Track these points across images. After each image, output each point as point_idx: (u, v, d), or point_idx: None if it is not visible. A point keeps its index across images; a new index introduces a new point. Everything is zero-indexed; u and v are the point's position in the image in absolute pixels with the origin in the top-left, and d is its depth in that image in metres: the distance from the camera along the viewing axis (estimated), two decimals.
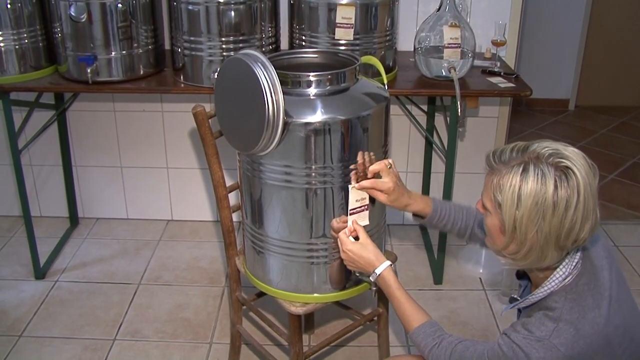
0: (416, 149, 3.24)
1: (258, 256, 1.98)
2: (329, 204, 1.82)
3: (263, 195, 1.87)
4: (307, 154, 1.76)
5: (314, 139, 1.74)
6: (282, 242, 1.89)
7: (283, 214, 1.85)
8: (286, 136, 1.74)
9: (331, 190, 1.81)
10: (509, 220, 1.37)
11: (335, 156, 1.77)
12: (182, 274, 3.01)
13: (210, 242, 3.27)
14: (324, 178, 1.79)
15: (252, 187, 1.90)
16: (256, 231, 1.94)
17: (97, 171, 3.35)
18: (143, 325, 2.66)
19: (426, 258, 3.13)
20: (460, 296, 2.84)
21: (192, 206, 3.43)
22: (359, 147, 1.79)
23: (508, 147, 1.42)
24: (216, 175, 2.04)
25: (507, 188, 1.36)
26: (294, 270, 1.92)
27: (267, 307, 2.56)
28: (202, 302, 2.81)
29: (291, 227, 1.86)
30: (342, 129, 1.75)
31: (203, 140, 2.00)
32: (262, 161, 1.81)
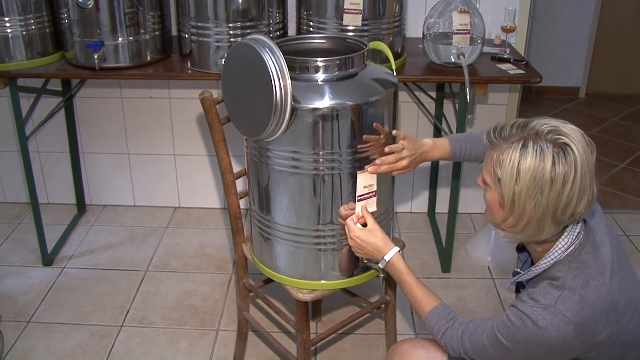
0: (425, 136, 3.23)
1: (266, 243, 1.98)
2: (337, 190, 1.82)
3: (271, 182, 1.87)
4: (315, 140, 1.76)
5: (322, 125, 1.74)
6: (290, 229, 1.90)
7: (291, 201, 1.85)
8: (294, 122, 1.74)
9: (339, 177, 1.81)
10: (508, 195, 1.41)
11: (343, 142, 1.77)
12: (189, 261, 3.02)
13: (217, 229, 3.27)
14: (332, 164, 1.79)
15: (259, 173, 1.90)
16: (264, 218, 1.95)
17: (104, 158, 3.36)
18: (150, 312, 2.68)
19: (434, 246, 3.13)
20: (468, 285, 2.85)
21: (200, 193, 3.43)
22: (368, 133, 1.79)
23: (509, 124, 1.45)
24: (224, 162, 2.05)
25: (507, 163, 1.40)
26: (302, 257, 1.92)
27: (275, 294, 2.56)
28: (210, 289, 2.82)
29: (299, 213, 1.86)
30: (351, 114, 1.74)
31: (210, 127, 2.00)
32: (270, 147, 1.81)
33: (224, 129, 2.02)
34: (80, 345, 2.50)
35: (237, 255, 2.18)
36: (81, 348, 2.48)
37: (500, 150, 1.42)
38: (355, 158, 1.79)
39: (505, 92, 3.13)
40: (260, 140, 1.81)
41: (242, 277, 2.20)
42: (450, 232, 2.87)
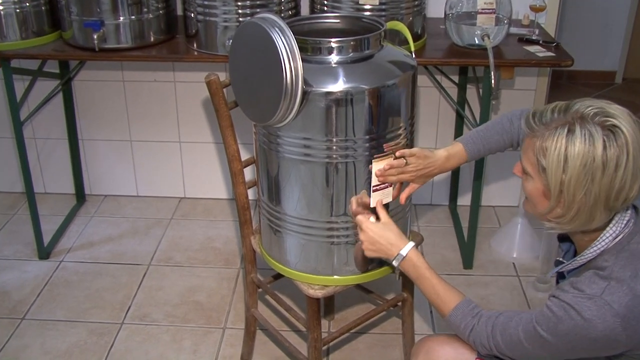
0: (446, 123, 3.24)
1: (275, 235, 2.00)
2: (350, 179, 1.83)
3: (280, 170, 1.88)
4: (328, 126, 1.77)
5: (335, 109, 1.75)
6: (301, 221, 1.91)
7: (302, 191, 1.87)
8: (305, 107, 1.75)
9: (353, 165, 1.82)
10: (555, 184, 1.42)
11: (358, 128, 1.78)
12: (194, 255, 3.05)
13: (225, 221, 3.30)
14: (346, 152, 1.80)
15: (268, 161, 1.91)
16: (273, 209, 1.96)
17: (105, 145, 3.39)
18: (152, 308, 2.71)
19: (455, 241, 3.14)
20: (491, 282, 2.85)
21: (206, 183, 3.46)
22: (384, 119, 1.80)
23: (548, 108, 1.45)
24: (231, 149, 2.06)
25: (552, 151, 1.40)
26: (313, 250, 1.94)
27: (284, 290, 2.58)
28: (216, 284, 2.84)
29: (310, 204, 1.88)
30: (366, 99, 1.75)
31: (217, 111, 2.02)
32: (280, 133, 1.83)
33: (231, 113, 2.04)
34: (77, 343, 2.53)
35: (245, 249, 2.20)
36: (78, 346, 2.51)
37: (543, 137, 1.42)
38: (370, 145, 1.80)
39: (533, 76, 3.12)
40: (269, 126, 1.82)
41: (249, 272, 2.23)
42: (473, 225, 2.88)
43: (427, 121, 3.23)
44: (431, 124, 3.24)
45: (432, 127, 3.24)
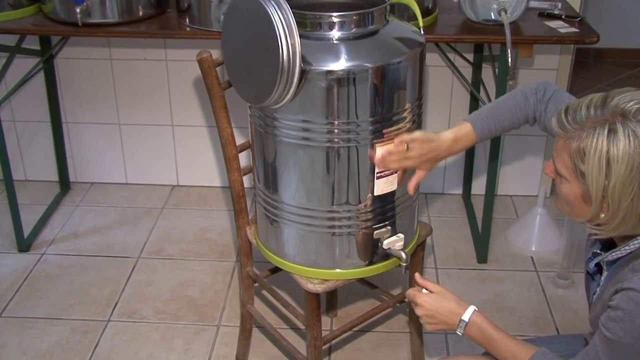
0: (459, 105, 3.23)
1: (272, 226, 2.01)
2: (353, 165, 1.84)
3: (278, 156, 1.89)
4: (329, 107, 1.77)
5: (336, 89, 1.75)
6: (300, 210, 1.92)
7: (300, 177, 1.87)
8: (304, 87, 1.75)
9: (356, 150, 1.82)
10: (597, 191, 1.38)
11: (361, 110, 1.78)
12: (187, 247, 3.06)
13: (221, 210, 3.31)
14: (348, 135, 1.80)
15: (265, 146, 1.91)
16: (270, 197, 1.97)
17: (91, 129, 3.40)
18: (142, 304, 2.72)
19: (469, 232, 3.14)
20: (507, 278, 2.86)
21: (202, 169, 3.46)
22: (389, 100, 1.80)
23: (582, 104, 1.41)
24: (224, 132, 2.07)
25: (592, 154, 1.36)
26: (313, 242, 1.94)
27: (283, 284, 2.59)
28: (210, 278, 2.85)
29: (310, 192, 1.88)
30: (370, 78, 1.75)
31: (209, 92, 2.02)
32: (277, 116, 1.83)
33: (225, 94, 2.04)
34: (59, 342, 2.54)
35: (240, 240, 2.20)
36: (59, 346, 2.52)
37: (580, 138, 1.38)
38: (374, 128, 1.80)
39: (554, 54, 3.11)
40: (265, 107, 1.82)
41: (245, 265, 2.23)
42: (487, 216, 2.88)
43: (438, 104, 3.23)
44: (443, 107, 3.24)
45: (444, 110, 3.24)
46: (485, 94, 3.04)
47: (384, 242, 1.93)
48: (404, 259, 1.92)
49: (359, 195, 1.88)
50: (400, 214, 1.96)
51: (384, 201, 1.90)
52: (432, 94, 3.20)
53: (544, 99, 1.77)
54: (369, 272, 1.99)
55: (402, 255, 1.92)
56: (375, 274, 2.00)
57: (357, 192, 1.87)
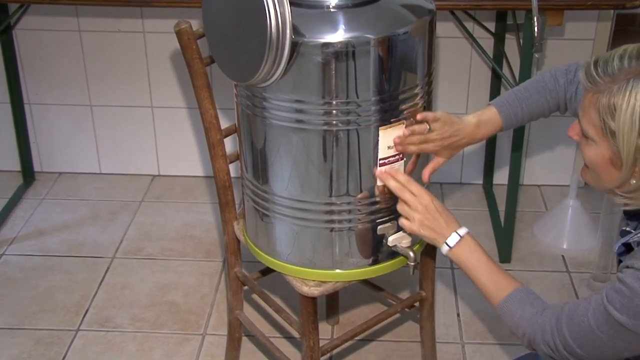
0: (479, 83, 3.23)
1: (262, 221, 2.01)
2: (353, 151, 1.84)
3: (268, 141, 1.89)
4: (325, 85, 1.77)
5: (333, 65, 1.75)
6: (293, 203, 1.92)
7: (294, 166, 1.88)
8: (296, 62, 1.75)
9: (356, 134, 1.82)
10: (628, 151, 1.40)
11: (362, 88, 1.78)
12: (169, 245, 3.07)
13: (208, 203, 3.32)
14: (348, 117, 1.80)
15: (253, 130, 1.92)
16: (259, 188, 1.97)
17: (58, 111, 3.41)
18: (116, 311, 2.73)
19: (490, 227, 3.15)
20: (534, 279, 2.86)
21: (186, 157, 3.47)
22: (394, 76, 1.80)
23: (614, 54, 1.42)
24: (207, 114, 2.07)
25: (624, 110, 1.38)
26: (309, 239, 1.95)
27: (275, 287, 2.61)
28: (195, 281, 2.86)
29: (305, 182, 1.89)
30: (372, 51, 1.75)
31: (190, 68, 2.02)
32: (266, 95, 1.83)
33: (207, 71, 2.04)
34: (20, 355, 2.54)
35: (227, 236, 2.21)
36: (21, 359, 2.53)
37: (610, 92, 1.39)
38: (377, 109, 1.81)
39: (590, 21, 3.10)
40: (253, 86, 1.83)
41: (232, 265, 2.24)
42: (511, 209, 2.88)
43: (454, 81, 3.23)
44: (460, 85, 3.24)
45: (461, 88, 3.24)
46: (509, 69, 3.04)
47: (389, 239, 1.93)
48: (412, 257, 1.92)
49: (360, 185, 1.88)
50: None
51: (389, 192, 1.90)
52: (447, 71, 3.19)
53: (575, 80, 1.78)
54: (373, 273, 2.00)
55: (410, 254, 1.92)
56: (380, 274, 2.01)
57: (358, 182, 1.88)
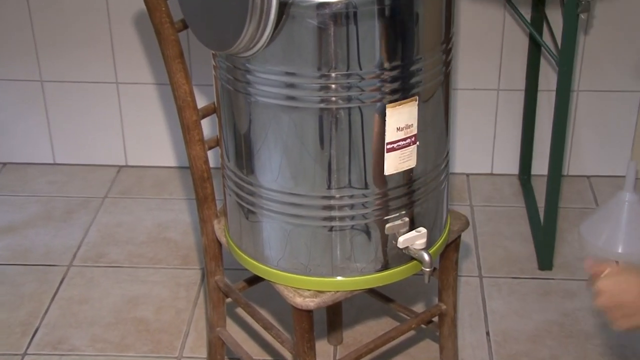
0: (514, 52, 3.24)
1: (247, 220, 2.03)
2: (356, 134, 1.85)
3: (253, 123, 1.90)
4: (322, 54, 1.77)
5: (331, 29, 1.75)
6: (285, 197, 1.93)
7: (285, 152, 1.89)
8: (286, 26, 1.76)
9: (359, 113, 1.83)
10: None
11: (365, 58, 1.79)
12: (138, 250, 3.08)
13: (185, 199, 3.34)
14: (349, 93, 1.81)
15: (235, 109, 1.93)
16: (244, 180, 1.99)
17: (1, 88, 3.43)
18: (73, 331, 2.73)
19: (527, 227, 3.16)
20: (581, 290, 2.86)
21: (159, 144, 3.49)
22: (404, 43, 1.81)
23: None
24: (180, 91, 2.08)
25: None
26: (303, 240, 1.97)
27: (264, 299, 2.63)
28: (169, 293, 2.88)
29: (298, 172, 1.90)
30: (377, 12, 1.76)
31: (158, 36, 2.02)
32: (250, 67, 1.84)
33: (180, 38, 2.06)
34: None
35: (205, 238, 2.23)
36: None
37: None
38: (384, 83, 1.82)
39: None
40: (234, 55, 1.84)
41: (212, 273, 2.26)
42: (553, 205, 2.88)
43: (484, 51, 3.25)
44: (492, 55, 3.26)
45: (493, 58, 3.25)
46: (550, 36, 3.04)
47: (399, 240, 1.95)
48: (427, 262, 1.93)
49: (364, 176, 1.89)
50: (421, 200, 1.98)
51: (399, 183, 1.92)
52: (474, 38, 3.20)
53: None
54: (381, 281, 2.01)
55: (424, 257, 1.93)
56: (389, 282, 2.02)
57: (362, 172, 1.89)
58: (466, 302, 2.79)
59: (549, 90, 3.23)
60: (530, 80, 3.24)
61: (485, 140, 3.41)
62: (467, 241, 3.01)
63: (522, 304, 2.81)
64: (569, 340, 2.66)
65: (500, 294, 2.84)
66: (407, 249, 1.96)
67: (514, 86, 3.29)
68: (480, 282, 2.89)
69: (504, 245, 3.08)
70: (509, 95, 3.31)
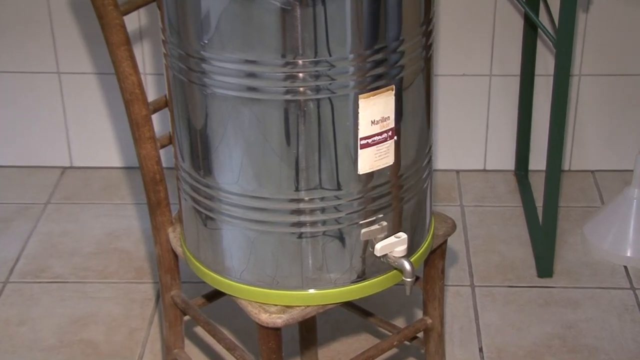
0: (508, 34, 3.26)
1: (205, 227, 2.03)
2: (327, 128, 1.85)
3: (210, 118, 1.91)
4: (287, 39, 1.78)
5: (297, 10, 1.75)
6: (247, 200, 1.94)
7: (246, 150, 1.89)
8: (245, 8, 1.76)
9: (329, 104, 1.83)
10: None
11: (336, 41, 1.79)
12: (85, 263, 3.08)
13: (138, 204, 3.34)
14: (317, 82, 1.81)
15: (190, 103, 1.94)
16: (201, 182, 1.99)
17: None
18: (10, 357, 2.72)
19: (525, 229, 3.18)
20: (586, 300, 2.88)
21: (108, 143, 3.49)
22: (378, 24, 1.82)
23: None
24: (128, 82, 2.08)
25: None
26: (269, 249, 1.97)
27: (226, 316, 2.65)
28: (121, 311, 2.88)
29: (262, 172, 1.90)
30: None
31: (101, 19, 2.01)
32: (205, 55, 1.84)
33: (129, 22, 2.05)
34: None
35: (159, 249, 2.24)
36: None
37: None
38: (357, 71, 1.82)
39: None
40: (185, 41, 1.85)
41: (168, 288, 2.26)
42: (553, 203, 2.88)
43: (473, 34, 3.26)
44: (482, 37, 3.27)
45: (484, 41, 3.27)
46: (547, 15, 3.05)
47: (376, 247, 1.95)
48: (408, 271, 1.93)
49: (336, 176, 1.90)
50: (401, 201, 1.99)
51: (375, 183, 1.93)
52: (463, 18, 3.22)
53: None
54: (358, 293, 2.02)
55: (405, 266, 1.93)
56: (367, 295, 2.03)
57: (333, 171, 1.89)
58: (456, 314, 2.80)
59: (547, 75, 3.24)
60: (526, 65, 3.26)
61: (477, 132, 3.42)
62: (457, 246, 3.03)
63: (520, 315, 2.82)
64: (571, 356, 2.67)
65: (495, 305, 2.85)
66: (386, 256, 1.96)
67: (508, 71, 3.30)
68: (472, 292, 2.91)
69: (499, 250, 3.09)
70: (502, 81, 3.32)
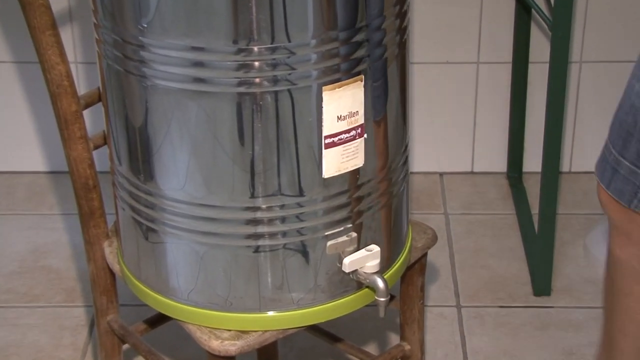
0: (498, 16, 3.27)
1: (146, 240, 2.04)
2: (286, 125, 1.86)
3: (151, 114, 1.91)
4: (238, 22, 1.78)
5: None
6: (195, 209, 1.94)
7: (194, 151, 1.90)
8: None
9: (289, 97, 1.84)
10: None
11: (295, 26, 1.80)
12: (8, 284, 3.09)
13: (69, 215, 3.35)
14: (274, 72, 1.82)
15: (127, 97, 1.94)
16: (141, 188, 1.99)
17: None
18: None
19: (519, 239, 3.20)
20: (589, 321, 2.91)
21: (34, 144, 3.49)
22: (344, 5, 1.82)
23: None
24: (54, 73, 2.08)
25: None
26: (220, 265, 1.98)
27: (172, 344, 2.66)
28: (49, 340, 2.88)
29: (212, 177, 1.91)
30: None
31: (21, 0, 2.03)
32: (145, 41, 1.85)
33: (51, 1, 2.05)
34: None
35: (93, 267, 2.24)
36: None
37: None
38: (319, 58, 1.83)
39: None
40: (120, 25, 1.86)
41: (104, 312, 2.26)
42: (550, 210, 2.91)
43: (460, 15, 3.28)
44: (467, 22, 3.28)
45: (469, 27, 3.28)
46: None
47: (345, 261, 1.96)
48: (382, 289, 1.94)
49: (298, 180, 1.91)
50: (372, 209, 2.00)
51: (342, 188, 1.94)
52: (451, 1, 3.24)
53: None
54: (323, 316, 2.03)
55: (377, 284, 1.94)
56: (334, 317, 2.04)
57: (294, 174, 1.90)
58: (440, 339, 2.81)
59: (542, 62, 3.26)
60: (519, 51, 3.28)
61: (463, 128, 3.44)
62: (441, 261, 3.04)
63: (513, 340, 2.84)
64: None
65: (484, 328, 2.86)
66: (356, 273, 1.97)
67: (499, 58, 3.32)
68: (458, 313, 2.92)
69: (489, 265, 3.11)
70: (492, 69, 3.34)
